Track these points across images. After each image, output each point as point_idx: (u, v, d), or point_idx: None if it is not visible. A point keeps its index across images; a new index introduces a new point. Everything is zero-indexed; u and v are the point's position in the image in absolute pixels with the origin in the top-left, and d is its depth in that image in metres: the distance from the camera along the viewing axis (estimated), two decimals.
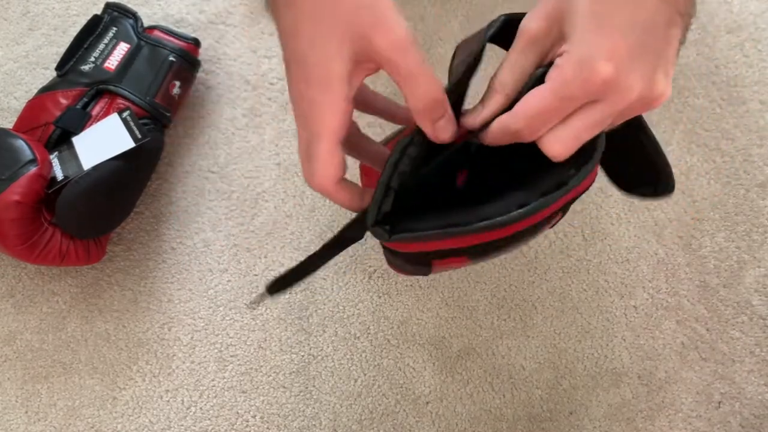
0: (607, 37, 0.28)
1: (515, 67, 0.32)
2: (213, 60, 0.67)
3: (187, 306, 0.63)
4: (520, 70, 0.32)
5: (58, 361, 0.62)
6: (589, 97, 0.29)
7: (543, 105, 0.30)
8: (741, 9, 0.68)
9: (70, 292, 0.63)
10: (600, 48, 0.28)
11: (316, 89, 0.31)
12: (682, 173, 0.65)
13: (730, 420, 0.62)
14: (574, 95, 0.29)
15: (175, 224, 0.64)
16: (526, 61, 0.32)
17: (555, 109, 0.30)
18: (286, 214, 0.65)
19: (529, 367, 0.63)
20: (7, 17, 0.67)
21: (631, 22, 0.28)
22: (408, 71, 0.31)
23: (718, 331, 0.63)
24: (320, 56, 0.31)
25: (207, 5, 0.68)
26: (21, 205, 0.52)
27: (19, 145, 0.54)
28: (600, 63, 0.28)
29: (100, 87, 0.59)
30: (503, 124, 0.32)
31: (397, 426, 0.62)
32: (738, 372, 0.63)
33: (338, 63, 0.31)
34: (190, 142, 0.66)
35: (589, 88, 0.29)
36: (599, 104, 0.30)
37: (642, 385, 0.62)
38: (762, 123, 0.66)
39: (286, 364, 0.62)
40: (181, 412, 0.61)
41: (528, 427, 0.62)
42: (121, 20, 0.62)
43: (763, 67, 0.67)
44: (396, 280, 0.64)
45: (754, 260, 0.64)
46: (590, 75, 0.28)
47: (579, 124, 0.30)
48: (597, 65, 0.28)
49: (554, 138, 0.31)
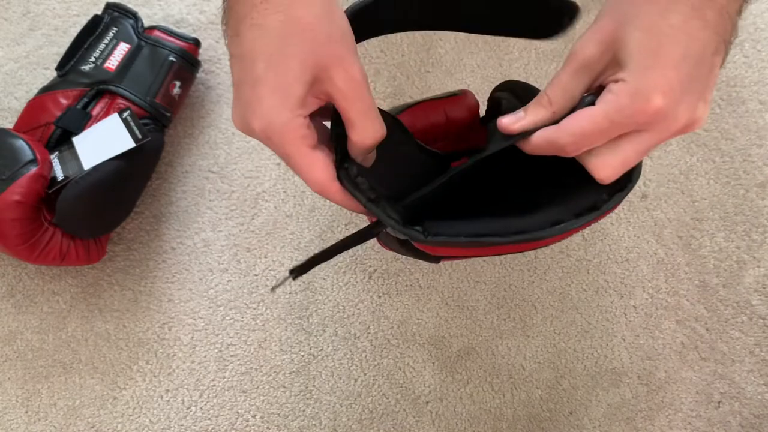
0: (662, 70, 0.30)
1: (567, 87, 0.33)
2: (213, 60, 0.67)
3: (187, 306, 0.63)
4: (571, 92, 0.33)
5: (58, 361, 0.62)
6: (638, 126, 0.31)
7: (594, 126, 0.31)
8: None
9: (71, 292, 0.63)
10: (656, 81, 0.30)
11: (273, 110, 0.32)
12: (681, 173, 0.65)
13: (729, 420, 0.62)
14: (625, 122, 0.31)
15: (176, 224, 0.64)
16: (579, 83, 0.33)
17: (603, 131, 0.31)
18: (286, 214, 0.65)
19: (528, 366, 0.63)
20: (8, 17, 0.67)
21: (684, 55, 0.30)
22: (362, 110, 0.32)
23: (718, 331, 0.63)
24: (280, 77, 0.31)
25: (207, 5, 0.68)
26: (21, 205, 0.52)
27: (19, 145, 0.54)
28: (655, 95, 0.29)
29: (101, 87, 0.59)
30: (550, 137, 0.33)
31: (397, 426, 0.62)
32: (738, 372, 0.63)
33: (297, 85, 0.31)
34: (190, 142, 0.66)
35: (641, 118, 0.30)
36: (647, 133, 0.31)
37: (642, 385, 0.63)
38: (761, 123, 0.66)
39: (286, 363, 0.62)
40: (181, 412, 0.62)
41: (528, 426, 0.62)
42: (122, 20, 0.62)
43: (762, 67, 0.67)
44: (396, 280, 0.64)
45: (753, 260, 0.64)
46: (645, 106, 0.30)
47: (628, 151, 0.32)
48: (652, 97, 0.30)
49: (604, 162, 0.32)
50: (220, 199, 0.65)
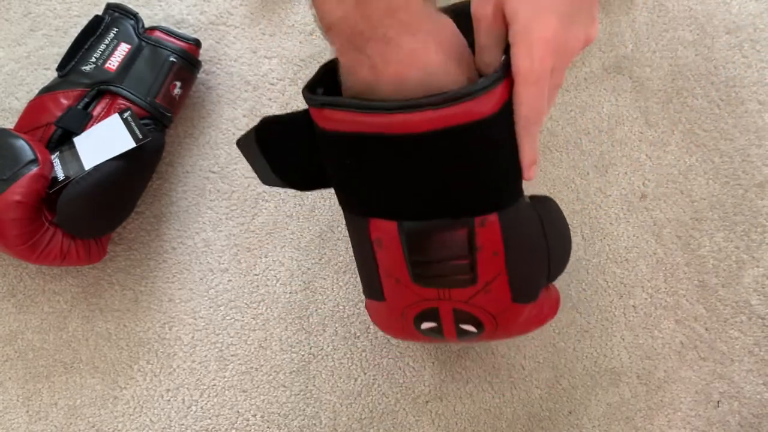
0: (544, 17, 0.33)
1: (489, 50, 0.37)
2: (214, 60, 0.67)
3: (187, 305, 0.63)
4: (494, 49, 0.37)
5: (59, 361, 0.62)
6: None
7: (524, 102, 0.36)
8: (740, 9, 0.68)
9: (71, 292, 0.63)
10: (541, 33, 0.34)
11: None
12: (680, 173, 0.66)
13: (729, 419, 0.63)
14: (535, 78, 0.34)
15: (176, 224, 0.65)
16: (494, 43, 0.36)
17: (534, 96, 0.35)
18: (286, 214, 0.65)
19: (528, 366, 0.63)
20: (9, 18, 0.67)
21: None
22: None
23: (717, 331, 0.63)
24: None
25: (208, 6, 0.68)
26: (22, 205, 0.52)
27: (20, 145, 0.54)
28: (540, 46, 0.34)
29: (101, 87, 0.59)
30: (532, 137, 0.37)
31: (396, 425, 0.62)
32: (737, 371, 0.63)
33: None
34: (191, 142, 0.66)
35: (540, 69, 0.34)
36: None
37: (641, 385, 0.63)
38: (761, 123, 0.66)
39: (287, 363, 0.62)
40: (181, 412, 0.62)
41: (527, 426, 0.62)
42: (122, 21, 0.62)
43: (761, 67, 0.67)
44: None
45: (752, 260, 0.64)
46: (535, 63, 0.34)
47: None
48: (539, 47, 0.34)
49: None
50: (220, 199, 0.65)
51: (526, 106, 0.35)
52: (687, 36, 0.68)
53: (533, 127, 0.36)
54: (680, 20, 0.68)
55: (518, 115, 0.36)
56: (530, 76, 0.34)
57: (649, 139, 0.66)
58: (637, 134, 0.66)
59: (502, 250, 0.40)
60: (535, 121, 0.36)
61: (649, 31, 0.68)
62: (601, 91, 0.67)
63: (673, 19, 0.68)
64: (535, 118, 0.36)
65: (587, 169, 0.66)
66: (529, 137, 0.37)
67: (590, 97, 0.67)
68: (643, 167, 0.66)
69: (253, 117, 0.66)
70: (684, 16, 0.68)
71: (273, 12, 0.69)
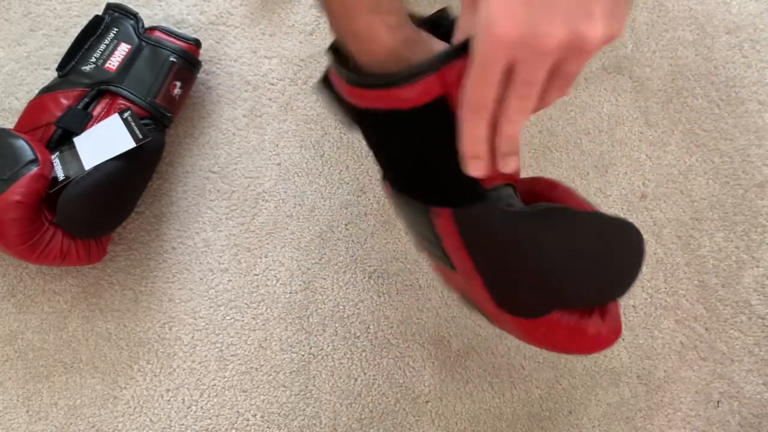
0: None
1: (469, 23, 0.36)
2: (213, 60, 0.67)
3: (187, 305, 0.63)
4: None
5: (59, 361, 0.62)
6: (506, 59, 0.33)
7: (473, 82, 0.34)
8: (740, 10, 0.68)
9: (71, 292, 0.63)
10: (499, 11, 0.31)
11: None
12: (681, 173, 0.66)
13: (728, 419, 0.63)
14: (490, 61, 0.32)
15: (176, 224, 0.65)
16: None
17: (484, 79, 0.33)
18: (286, 214, 0.65)
19: (528, 366, 0.63)
20: (9, 18, 0.67)
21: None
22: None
23: (717, 331, 0.63)
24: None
25: (208, 6, 0.68)
26: (22, 205, 0.52)
27: (20, 145, 0.54)
28: (499, 25, 0.31)
29: (101, 87, 0.59)
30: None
31: (396, 425, 0.62)
32: (737, 371, 0.63)
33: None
34: (191, 142, 0.66)
35: (499, 53, 0.32)
36: (522, 65, 0.33)
37: (641, 385, 0.63)
38: (760, 123, 0.66)
39: (287, 363, 0.62)
40: (181, 411, 0.62)
41: (527, 425, 0.62)
42: (122, 21, 0.62)
43: (761, 67, 0.67)
44: (396, 280, 0.64)
45: (752, 260, 0.64)
46: (493, 42, 0.32)
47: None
48: (494, 28, 0.31)
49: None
50: (220, 199, 0.65)
51: (466, 89, 0.33)
52: (687, 36, 0.68)
53: (472, 115, 0.34)
54: (680, 20, 0.68)
55: (459, 99, 0.34)
56: (475, 58, 0.32)
57: (649, 139, 0.66)
58: (637, 134, 0.66)
59: (463, 247, 0.39)
60: (473, 110, 0.34)
61: (649, 31, 0.68)
62: (601, 91, 0.67)
63: (673, 19, 0.68)
64: (474, 107, 0.34)
65: (587, 169, 0.66)
66: (468, 124, 0.35)
67: (590, 97, 0.67)
68: (643, 167, 0.66)
69: (253, 117, 0.66)
70: (684, 16, 0.68)
71: (273, 12, 0.69)
